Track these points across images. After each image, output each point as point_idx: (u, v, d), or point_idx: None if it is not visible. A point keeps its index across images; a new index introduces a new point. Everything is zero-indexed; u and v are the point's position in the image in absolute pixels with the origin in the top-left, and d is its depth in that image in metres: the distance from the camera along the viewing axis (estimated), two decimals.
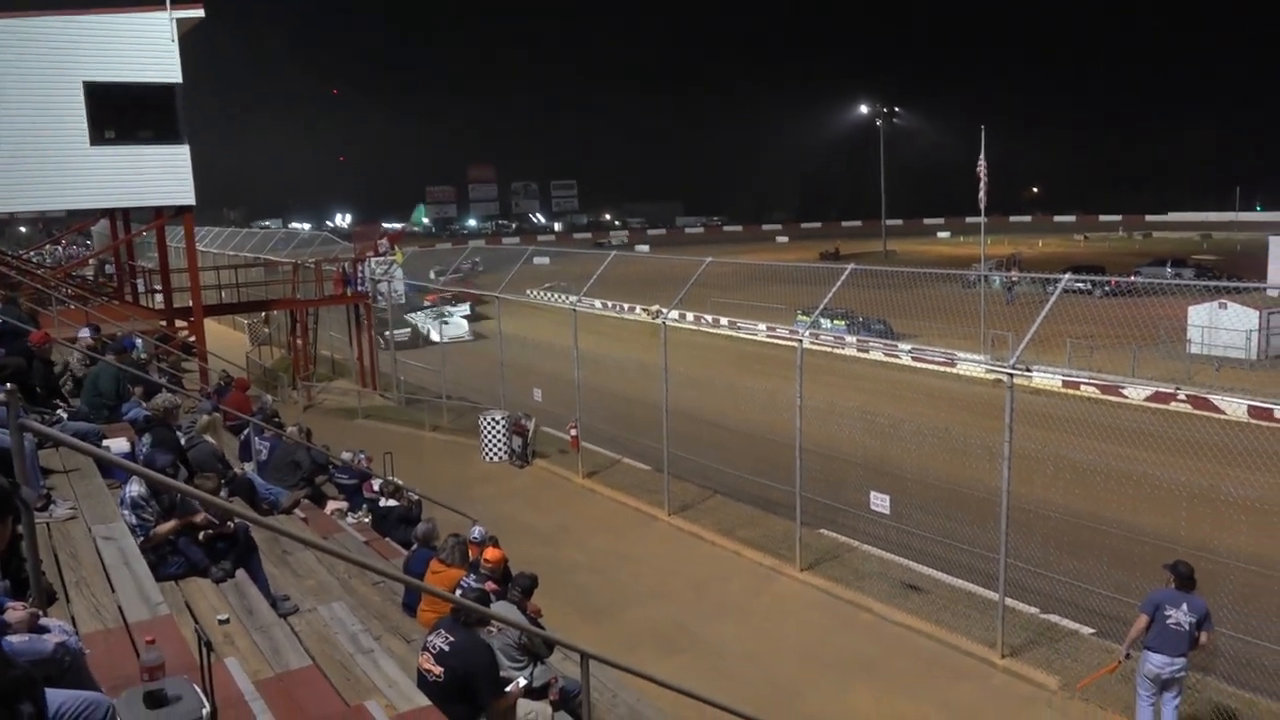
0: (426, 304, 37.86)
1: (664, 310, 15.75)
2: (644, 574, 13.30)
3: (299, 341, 26.88)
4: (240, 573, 7.04)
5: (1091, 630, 10.64)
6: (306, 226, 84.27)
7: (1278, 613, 8.31)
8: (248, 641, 5.91)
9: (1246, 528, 10.15)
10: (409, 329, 34.05)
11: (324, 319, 28.32)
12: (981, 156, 29.50)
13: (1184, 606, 8.15)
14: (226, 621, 6.15)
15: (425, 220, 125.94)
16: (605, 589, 12.70)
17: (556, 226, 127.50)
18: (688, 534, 14.78)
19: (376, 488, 12.67)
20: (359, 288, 26.02)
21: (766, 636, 11.30)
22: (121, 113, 19.27)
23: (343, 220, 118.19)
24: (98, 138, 18.74)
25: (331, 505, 12.13)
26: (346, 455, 13.37)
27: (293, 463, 11.78)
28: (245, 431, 13.17)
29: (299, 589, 7.64)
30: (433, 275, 37.95)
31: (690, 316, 27.73)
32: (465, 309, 38.04)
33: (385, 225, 38.74)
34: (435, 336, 32.32)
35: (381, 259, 26.57)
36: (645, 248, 77.04)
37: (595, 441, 18.91)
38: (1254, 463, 10.52)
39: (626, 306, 29.34)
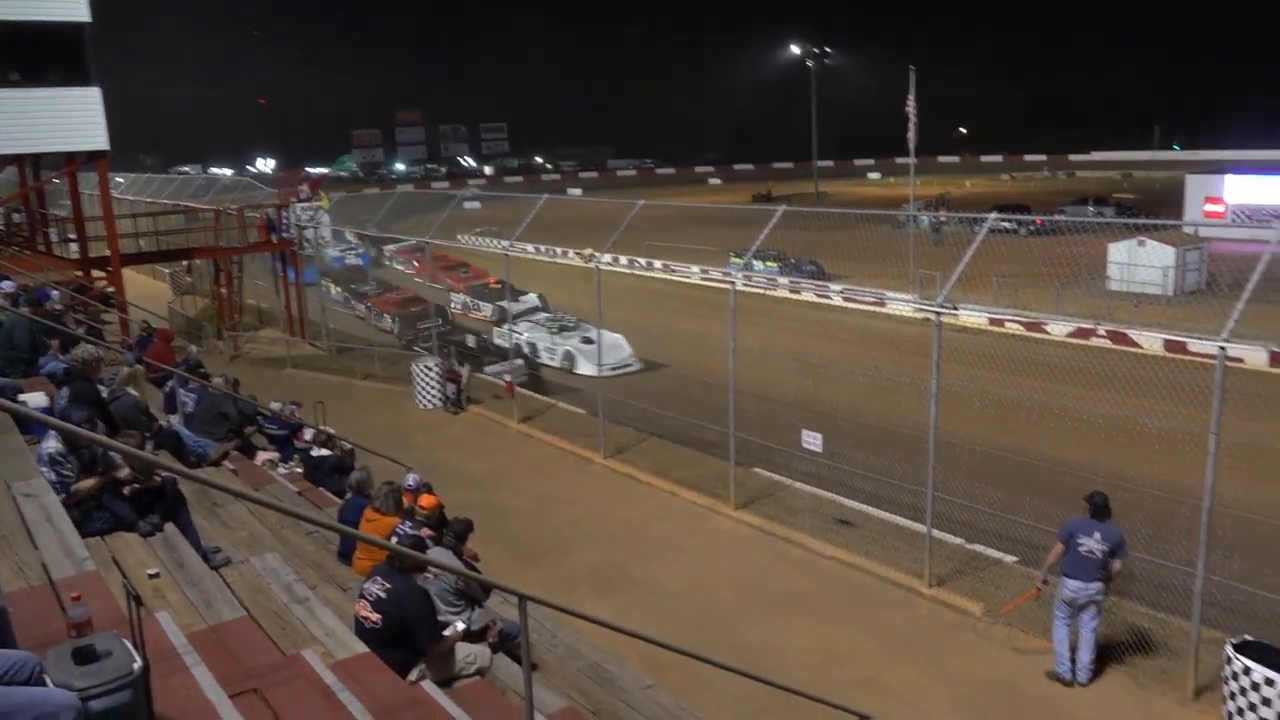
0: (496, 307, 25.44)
1: (597, 254, 15.68)
2: (580, 516, 13.39)
3: (223, 290, 26.23)
4: (170, 526, 6.93)
5: (1014, 559, 11.04)
6: (228, 172, 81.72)
7: (1188, 536, 8.67)
8: (179, 595, 5.84)
9: (1161, 457, 10.56)
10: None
11: (249, 267, 27.62)
12: (910, 97, 29.65)
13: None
14: (157, 576, 6.06)
15: (353, 166, 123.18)
16: (542, 532, 12.77)
17: (487, 170, 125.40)
18: (623, 476, 14.89)
19: (308, 437, 12.52)
20: (284, 234, 25.41)
21: (702, 574, 11.50)
22: (26, 53, 18.34)
23: (266, 165, 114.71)
24: (1, 80, 17.86)
25: (262, 456, 11.96)
26: (276, 405, 13.15)
27: (220, 414, 11.53)
28: (169, 383, 12.86)
29: (231, 541, 7.56)
30: (351, 238, 28.18)
31: (624, 260, 27.66)
32: (534, 299, 25.88)
33: (308, 170, 35.91)
34: (584, 368, 20.65)
35: (306, 205, 25.86)
36: (578, 191, 76.44)
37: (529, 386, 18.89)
38: (1169, 395, 10.88)
39: (559, 250, 29.16)
